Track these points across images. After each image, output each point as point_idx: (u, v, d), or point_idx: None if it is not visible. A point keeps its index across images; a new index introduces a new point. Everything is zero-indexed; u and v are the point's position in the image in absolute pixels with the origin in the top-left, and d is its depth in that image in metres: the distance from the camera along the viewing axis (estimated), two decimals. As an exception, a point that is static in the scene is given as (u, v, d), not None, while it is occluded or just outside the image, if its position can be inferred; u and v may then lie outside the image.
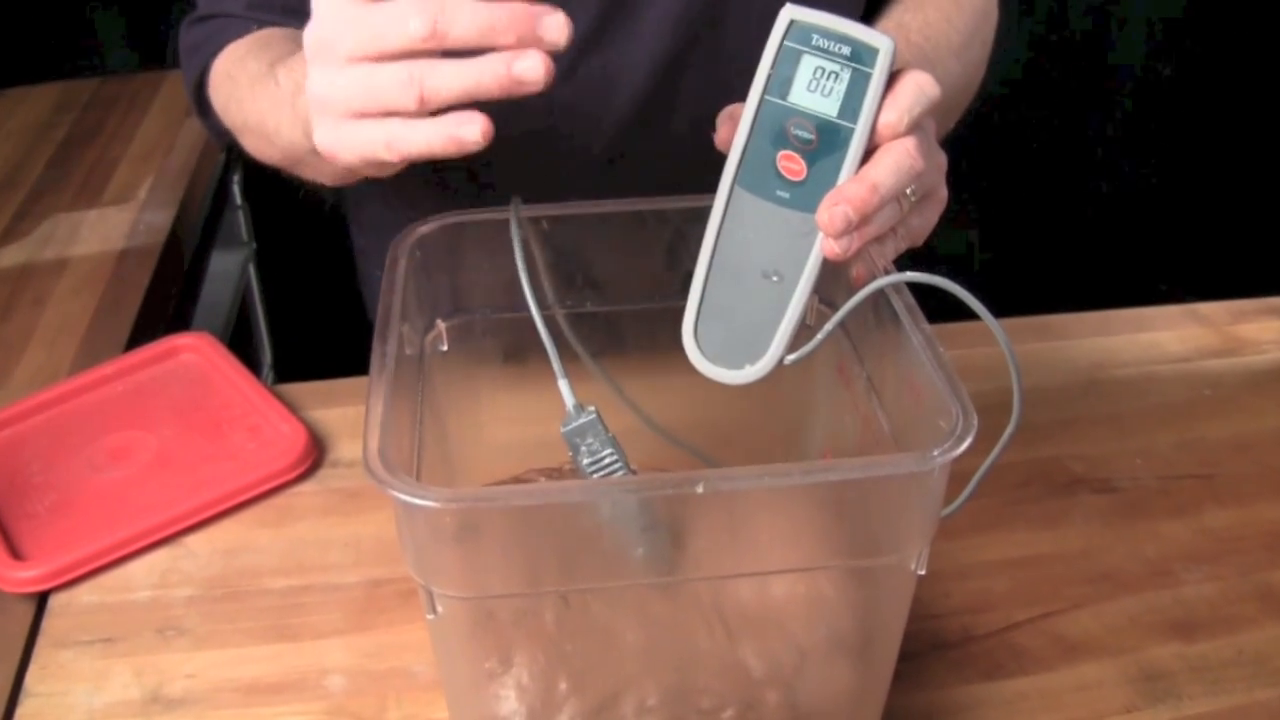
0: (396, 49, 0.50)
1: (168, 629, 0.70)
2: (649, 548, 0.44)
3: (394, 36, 0.49)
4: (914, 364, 0.49)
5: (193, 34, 0.82)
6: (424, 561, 0.45)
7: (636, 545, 0.44)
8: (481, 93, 0.50)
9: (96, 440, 0.84)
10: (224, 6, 0.80)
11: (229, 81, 0.77)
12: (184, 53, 0.83)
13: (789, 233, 0.54)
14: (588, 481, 0.44)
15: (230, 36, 0.79)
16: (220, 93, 0.78)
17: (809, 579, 0.49)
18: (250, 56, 0.74)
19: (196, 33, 0.82)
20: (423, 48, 0.49)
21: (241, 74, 0.74)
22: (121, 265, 1.09)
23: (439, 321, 0.61)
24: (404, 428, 0.52)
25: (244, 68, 0.74)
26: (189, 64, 0.82)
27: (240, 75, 0.74)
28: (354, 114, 0.52)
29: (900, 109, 0.53)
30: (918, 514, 0.45)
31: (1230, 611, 0.71)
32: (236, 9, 0.80)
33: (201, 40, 0.81)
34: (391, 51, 0.50)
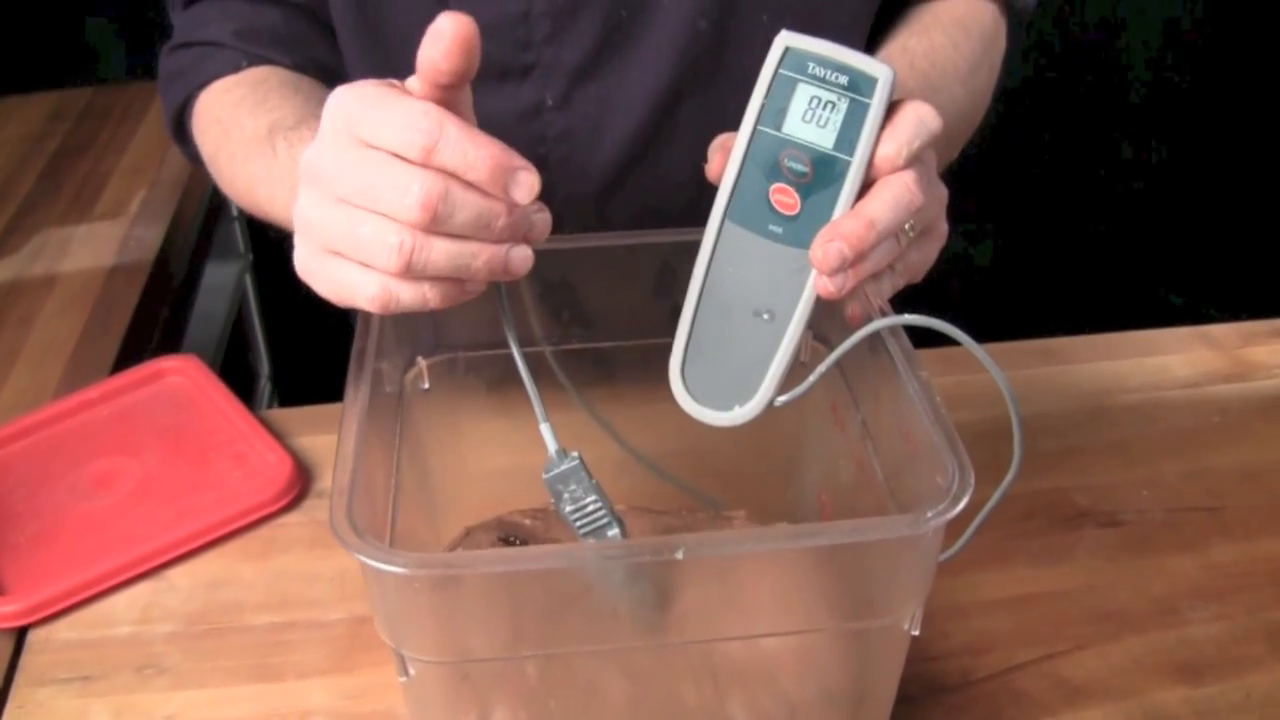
0: (386, 213, 0.47)
1: (147, 667, 0.68)
2: (632, 609, 0.43)
3: (388, 202, 0.47)
4: (910, 412, 0.47)
5: (175, 59, 0.80)
6: (394, 625, 0.43)
7: (619, 606, 0.42)
8: (469, 275, 0.49)
9: (80, 467, 0.82)
10: (208, 34, 0.78)
11: (217, 126, 0.75)
12: (164, 78, 0.80)
13: (781, 269, 0.52)
14: (564, 547, 0.42)
15: (217, 69, 0.77)
16: (207, 135, 0.76)
17: (799, 638, 0.48)
18: (245, 108, 0.72)
19: (179, 58, 0.79)
20: (412, 225, 0.47)
21: (234, 126, 0.72)
22: (110, 283, 1.07)
23: (420, 359, 0.59)
24: (380, 473, 0.50)
25: (237, 120, 0.72)
26: (169, 90, 0.80)
27: (233, 127, 0.72)
28: (334, 253, 0.50)
29: (900, 141, 0.51)
30: (911, 575, 0.43)
31: (1238, 653, 0.69)
32: (222, 37, 0.77)
33: (185, 67, 0.79)
34: (380, 213, 0.48)
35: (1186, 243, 1.99)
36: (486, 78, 0.75)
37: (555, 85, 0.75)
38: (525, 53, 0.74)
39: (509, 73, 0.75)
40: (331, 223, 0.49)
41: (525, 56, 0.74)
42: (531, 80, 0.75)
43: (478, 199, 0.47)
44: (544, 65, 0.74)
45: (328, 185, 0.49)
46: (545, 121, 0.76)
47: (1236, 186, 1.98)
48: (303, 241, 0.52)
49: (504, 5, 0.72)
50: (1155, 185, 2.02)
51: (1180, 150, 1.99)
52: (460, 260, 0.48)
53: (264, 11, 0.77)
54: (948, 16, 0.79)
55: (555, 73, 0.75)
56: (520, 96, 0.76)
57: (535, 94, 0.75)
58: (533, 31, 0.73)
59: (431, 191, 0.46)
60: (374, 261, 0.48)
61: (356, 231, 0.48)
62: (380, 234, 0.47)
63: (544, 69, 0.74)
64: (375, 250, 0.47)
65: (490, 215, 0.48)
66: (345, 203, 0.48)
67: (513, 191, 0.48)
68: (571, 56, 0.74)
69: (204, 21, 0.78)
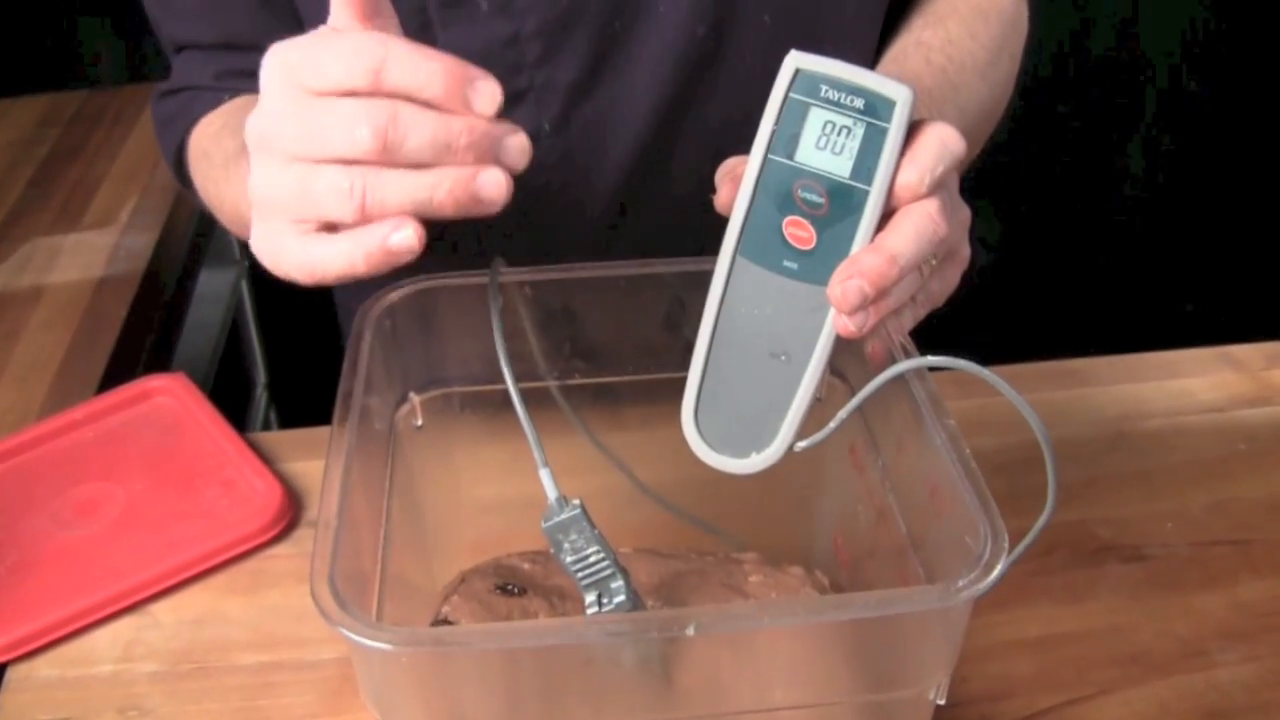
0: (339, 155, 0.44)
1: (130, 709, 0.65)
2: (637, 681, 0.40)
3: (338, 142, 0.43)
4: (936, 464, 0.44)
5: (165, 107, 0.78)
6: (381, 698, 0.40)
7: (623, 679, 0.39)
8: (433, 210, 0.44)
9: (63, 493, 0.79)
10: (192, 78, 0.77)
11: (205, 160, 0.72)
12: (158, 126, 0.79)
13: (797, 308, 0.49)
14: (563, 622, 0.39)
15: (202, 109, 0.75)
16: (198, 171, 0.74)
17: (817, 710, 0.45)
18: (226, 133, 0.70)
19: (169, 105, 0.78)
20: (369, 160, 0.43)
21: (216, 151, 0.70)
22: (99, 295, 1.05)
23: (412, 395, 0.56)
24: (368, 519, 0.47)
25: (219, 145, 0.69)
26: (165, 138, 0.78)
27: (215, 153, 0.70)
28: (294, 220, 0.46)
29: (921, 168, 0.48)
30: (938, 647, 0.40)
31: (1268, 697, 0.66)
32: (205, 80, 0.76)
33: (175, 113, 0.77)
34: (333, 157, 0.44)
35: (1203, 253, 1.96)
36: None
37: (551, 108, 0.71)
38: (517, 77, 0.70)
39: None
40: (286, 186, 0.45)
41: (518, 81, 0.70)
42: (525, 106, 0.71)
43: (433, 117, 0.43)
44: (538, 89, 0.71)
45: (277, 145, 0.46)
46: (543, 148, 0.72)
47: (1253, 198, 1.94)
48: (261, 221, 0.48)
49: (491, 28, 0.69)
50: (1169, 195, 1.99)
51: (1197, 160, 1.95)
52: (420, 192, 0.44)
53: (245, 56, 0.75)
54: (964, 4, 0.75)
55: (550, 95, 0.71)
56: (515, 123, 0.72)
57: (531, 120, 0.71)
58: (524, 54, 0.69)
59: (378, 117, 0.43)
60: (328, 213, 0.44)
61: (311, 187, 0.44)
62: (333, 181, 0.44)
63: (538, 92, 0.71)
64: (330, 201, 0.44)
65: (450, 134, 0.44)
66: (298, 160, 0.45)
67: (474, 102, 0.44)
68: (566, 76, 0.70)
69: (189, 68, 0.77)
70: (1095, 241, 1.99)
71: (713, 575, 0.55)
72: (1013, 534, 0.78)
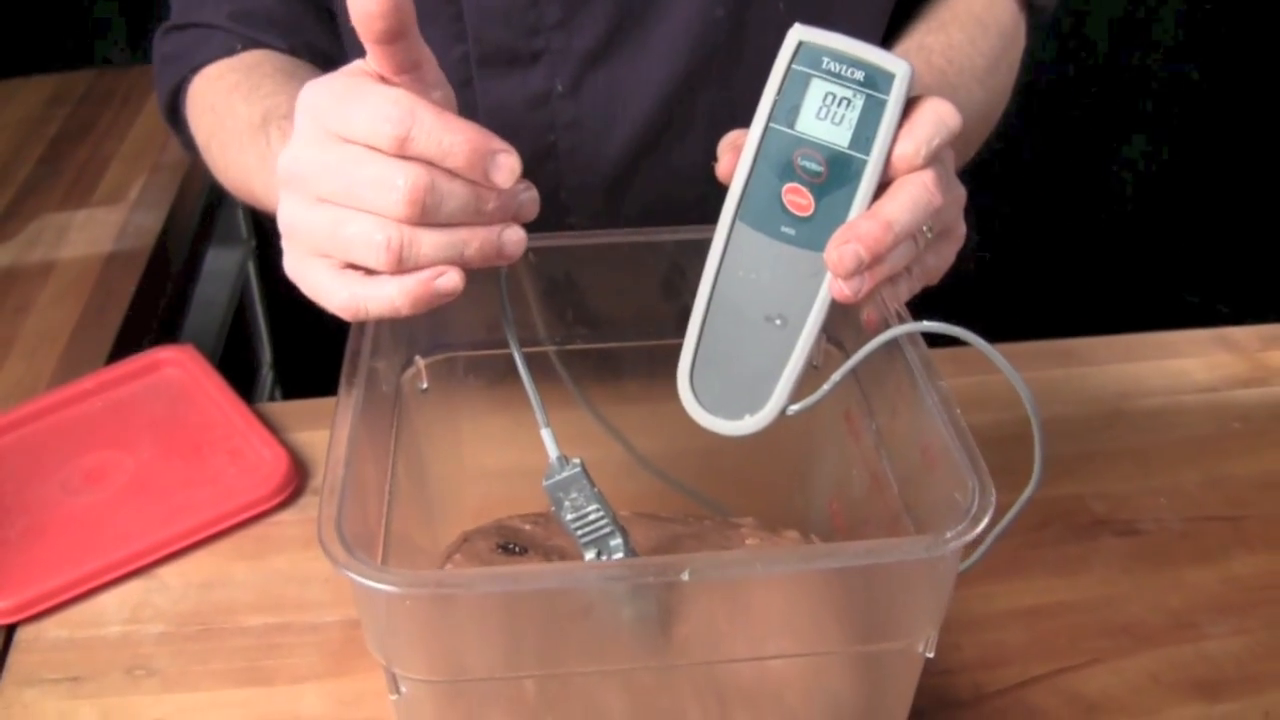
0: (373, 210, 0.45)
1: (137, 669, 0.66)
2: (635, 629, 0.41)
3: (371, 199, 0.45)
4: (928, 424, 0.45)
5: (170, 42, 0.78)
6: (385, 642, 0.41)
7: (621, 626, 0.40)
8: (462, 264, 0.47)
9: (72, 460, 0.81)
10: (203, 15, 0.76)
11: (211, 114, 0.73)
12: (159, 60, 0.79)
13: (794, 273, 0.50)
14: (563, 566, 0.40)
15: (211, 52, 0.75)
16: (201, 122, 0.75)
17: (808, 659, 0.46)
18: (239, 95, 0.70)
19: (174, 41, 0.78)
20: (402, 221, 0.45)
21: (228, 114, 0.70)
22: (108, 270, 1.06)
23: (418, 359, 0.57)
24: (373, 477, 0.48)
25: (232, 107, 0.70)
26: (164, 73, 0.78)
27: (227, 115, 0.70)
28: (319, 254, 0.48)
29: (918, 140, 0.49)
30: (927, 598, 0.41)
31: (1258, 670, 0.67)
32: (217, 19, 0.75)
33: (180, 51, 0.77)
34: (368, 211, 0.46)
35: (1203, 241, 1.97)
36: (495, 63, 0.74)
37: (565, 72, 0.73)
38: (535, 38, 0.72)
39: (518, 59, 0.72)
40: (315, 225, 0.47)
41: (535, 42, 0.72)
42: (541, 66, 0.73)
43: (464, 187, 0.46)
44: (554, 51, 0.72)
45: (307, 186, 0.47)
46: (554, 109, 0.74)
47: (1253, 185, 1.95)
48: (289, 246, 0.50)
49: None
50: (1169, 183, 1.99)
51: (1195, 147, 1.95)
52: (452, 250, 0.46)
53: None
54: (966, 13, 0.77)
55: (565, 59, 0.72)
56: (529, 83, 0.73)
57: (545, 81, 0.73)
58: (543, 16, 0.71)
59: (418, 184, 0.44)
60: (360, 260, 0.46)
61: (342, 232, 0.46)
62: (366, 233, 0.45)
63: (554, 55, 0.72)
64: (362, 250, 0.46)
65: (479, 200, 0.46)
66: (328, 203, 0.47)
67: (493, 175, 0.46)
68: (582, 43, 0.72)
69: (199, 4, 0.77)
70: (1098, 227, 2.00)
71: (710, 538, 0.56)
72: (1007, 507, 0.79)
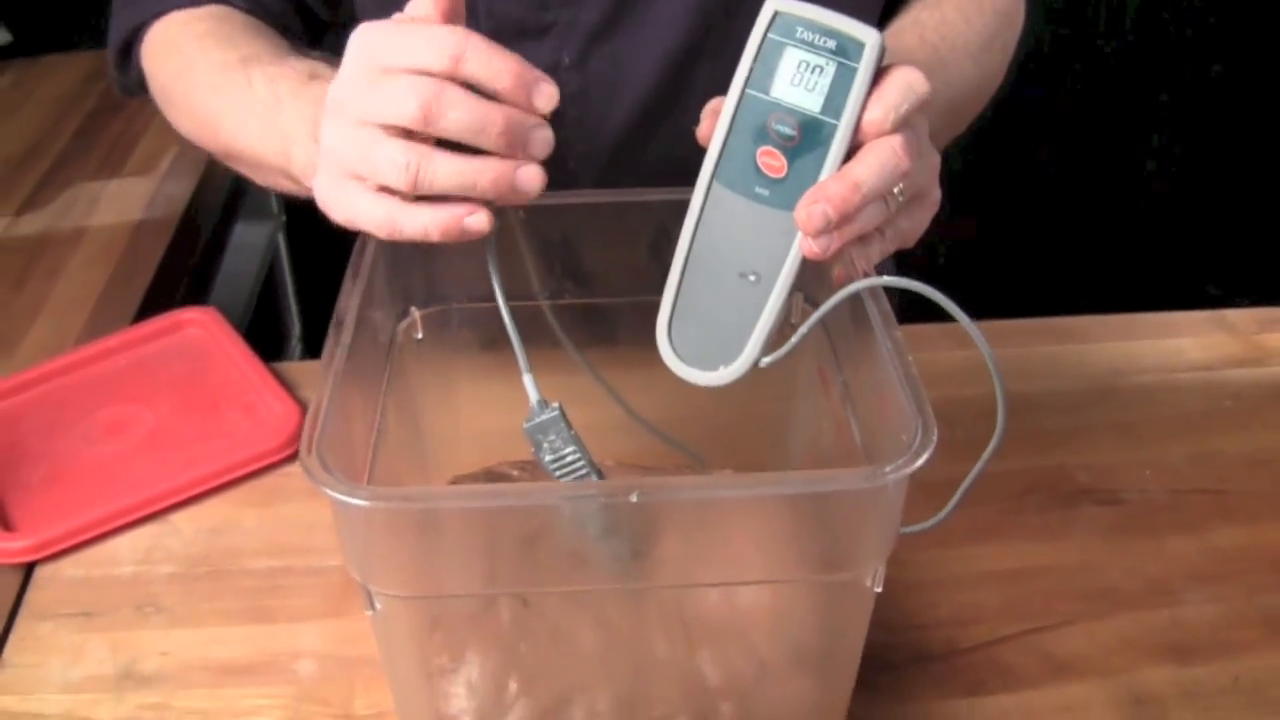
0: (389, 121, 0.50)
1: (146, 605, 0.70)
2: (606, 559, 0.43)
3: (390, 108, 0.50)
4: (883, 374, 0.47)
5: None
6: (359, 559, 0.44)
7: (590, 551, 0.43)
8: (476, 193, 0.51)
9: (94, 413, 0.84)
10: None
11: (178, 56, 0.75)
12: (117, 4, 0.81)
13: (767, 231, 0.52)
14: (520, 485, 0.43)
15: (171, 2, 0.78)
16: (165, 64, 0.77)
17: (766, 591, 0.48)
18: (211, 41, 0.73)
19: None
20: (414, 126, 0.49)
21: (199, 57, 0.73)
22: (137, 237, 1.09)
23: (413, 310, 0.60)
24: (362, 417, 0.51)
25: (204, 51, 0.73)
26: (121, 14, 0.81)
27: (197, 57, 0.73)
28: (354, 176, 0.52)
29: (887, 105, 0.51)
30: (871, 531, 0.43)
31: (1230, 636, 0.68)
32: None
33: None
34: (385, 123, 0.50)
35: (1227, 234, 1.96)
36: (504, 36, 0.76)
37: (572, 45, 0.76)
38: (543, 12, 0.75)
39: (526, 31, 0.75)
40: (349, 146, 0.52)
41: (543, 16, 0.75)
42: (549, 39, 0.76)
43: (472, 101, 0.49)
44: (561, 25, 0.75)
45: (350, 111, 0.52)
46: (562, 80, 0.76)
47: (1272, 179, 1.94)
48: (325, 169, 0.54)
49: None
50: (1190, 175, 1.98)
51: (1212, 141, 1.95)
52: (466, 177, 0.50)
53: None
54: None
55: (572, 33, 0.75)
56: (538, 55, 0.76)
57: (552, 53, 0.76)
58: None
59: (426, 92, 0.49)
60: (385, 180, 0.50)
61: (371, 153, 0.51)
62: (391, 154, 0.50)
63: (561, 28, 0.75)
64: (386, 169, 0.50)
65: (485, 119, 0.49)
66: (362, 124, 0.51)
67: (535, 100, 0.51)
68: (588, 17, 0.75)
69: None
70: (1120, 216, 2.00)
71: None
72: (991, 476, 0.81)
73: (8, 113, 1.32)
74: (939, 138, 0.77)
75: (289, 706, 0.63)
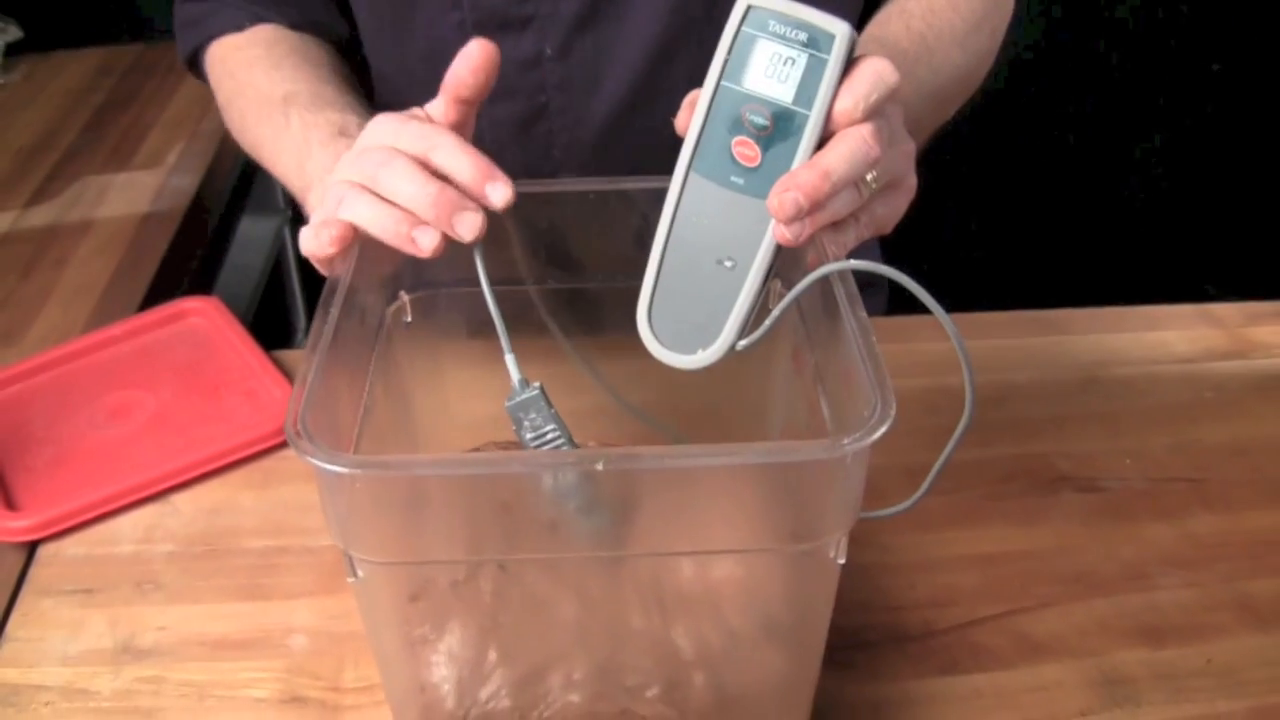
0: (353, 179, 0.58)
1: (145, 583, 0.72)
2: (567, 519, 0.45)
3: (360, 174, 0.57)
4: (848, 352, 0.48)
5: (186, 10, 0.87)
6: (341, 526, 0.46)
7: (556, 515, 0.45)
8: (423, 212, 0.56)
9: (99, 398, 0.86)
10: None
11: (231, 80, 0.82)
12: (178, 24, 0.88)
13: (743, 219, 0.54)
14: (491, 455, 0.44)
15: (222, 25, 0.84)
16: (221, 86, 0.84)
17: (736, 563, 0.50)
18: (259, 69, 0.80)
19: (189, 10, 0.87)
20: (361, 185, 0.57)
21: (248, 84, 0.80)
22: (143, 228, 1.11)
23: (403, 293, 0.62)
24: (349, 394, 0.53)
25: (251, 78, 0.80)
26: (182, 36, 0.87)
27: (247, 85, 0.80)
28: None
29: (857, 95, 0.53)
30: (833, 502, 0.45)
31: (1204, 620, 0.70)
32: None
33: (195, 18, 0.86)
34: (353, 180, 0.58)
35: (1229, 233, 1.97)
36: (489, 28, 0.79)
37: (554, 36, 0.78)
38: (524, 4, 0.77)
39: (509, 24, 0.78)
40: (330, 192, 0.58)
41: (525, 8, 0.77)
42: (531, 31, 0.78)
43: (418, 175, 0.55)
44: (543, 17, 0.77)
45: (337, 172, 0.58)
46: (545, 70, 0.79)
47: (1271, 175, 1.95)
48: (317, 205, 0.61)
49: None
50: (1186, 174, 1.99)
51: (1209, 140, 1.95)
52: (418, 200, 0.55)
53: None
54: None
55: (554, 24, 0.78)
56: (521, 46, 0.78)
57: (535, 44, 0.78)
58: None
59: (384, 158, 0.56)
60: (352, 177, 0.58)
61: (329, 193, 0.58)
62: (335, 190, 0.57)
63: (543, 20, 0.78)
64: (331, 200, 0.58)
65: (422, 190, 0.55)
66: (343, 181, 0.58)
67: (490, 194, 0.56)
68: (569, 9, 0.77)
69: None
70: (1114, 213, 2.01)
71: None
72: (972, 463, 0.82)
73: (19, 107, 1.35)
74: (927, 123, 0.79)
75: (281, 679, 0.65)
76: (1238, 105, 1.91)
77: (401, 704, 0.54)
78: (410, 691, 0.53)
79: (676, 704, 0.52)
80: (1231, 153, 1.95)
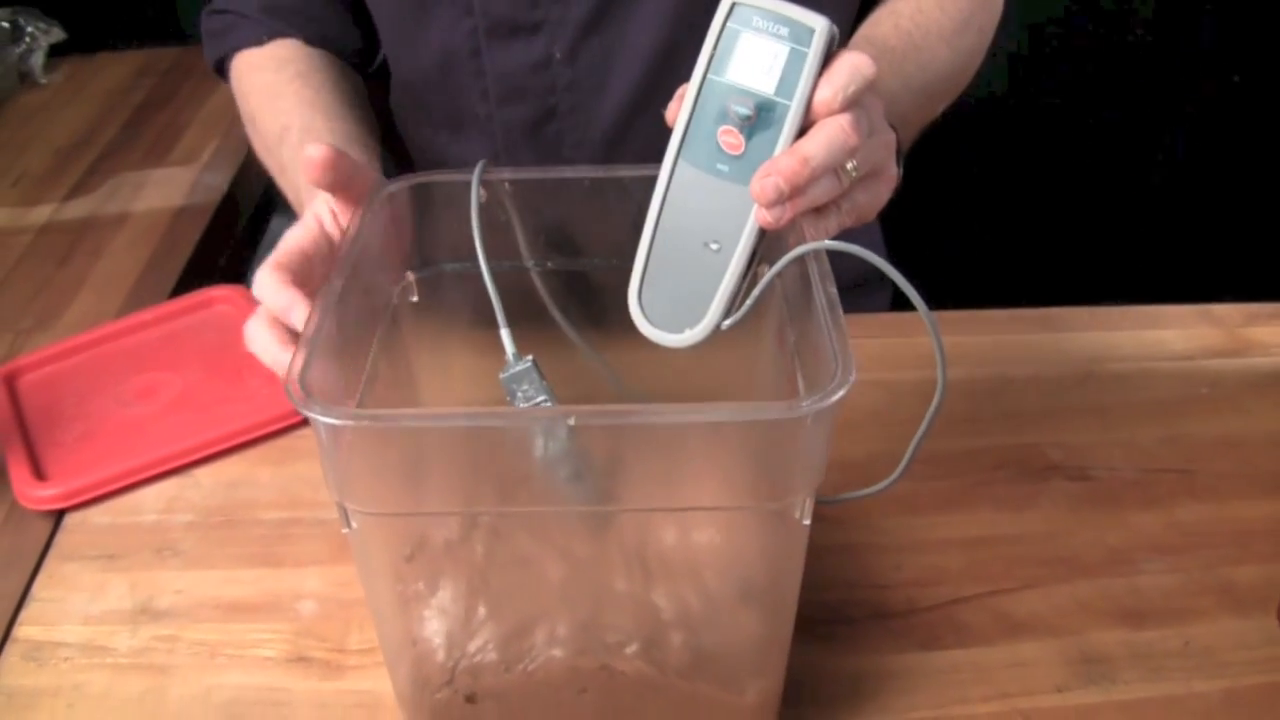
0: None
1: (165, 549, 0.75)
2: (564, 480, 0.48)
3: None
4: (817, 326, 0.51)
5: (211, 22, 0.92)
6: (336, 479, 0.49)
7: (549, 475, 0.48)
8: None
9: (128, 379, 0.90)
10: (238, 5, 0.90)
11: (245, 101, 0.88)
12: (205, 35, 0.93)
13: (728, 204, 0.57)
14: (474, 410, 0.47)
15: (242, 40, 0.89)
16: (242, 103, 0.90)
17: (710, 524, 0.52)
18: (266, 97, 0.85)
19: (214, 22, 0.92)
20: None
21: (260, 112, 0.85)
22: (177, 221, 1.16)
23: (409, 273, 0.65)
24: (349, 358, 0.56)
25: (261, 107, 0.85)
26: (209, 46, 0.93)
27: (258, 110, 0.86)
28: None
29: (835, 86, 0.55)
30: (795, 463, 0.48)
31: (1185, 604, 0.71)
32: (249, 9, 0.89)
33: (219, 30, 0.91)
34: None
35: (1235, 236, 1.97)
36: (500, 34, 0.82)
37: (563, 40, 0.81)
38: (534, 10, 0.80)
39: (519, 29, 0.81)
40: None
41: (534, 14, 0.81)
42: (540, 36, 0.81)
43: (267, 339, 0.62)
44: (552, 22, 0.81)
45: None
46: (554, 73, 0.83)
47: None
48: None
49: None
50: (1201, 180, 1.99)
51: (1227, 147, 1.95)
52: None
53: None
54: None
55: (562, 29, 0.81)
56: (531, 50, 0.82)
57: (544, 48, 0.82)
58: None
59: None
60: None
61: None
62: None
63: (552, 25, 0.81)
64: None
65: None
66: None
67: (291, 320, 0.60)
68: (577, 14, 0.80)
69: None
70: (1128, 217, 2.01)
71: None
72: (965, 451, 0.84)
73: (61, 105, 1.40)
74: (915, 119, 0.82)
75: (289, 640, 0.68)
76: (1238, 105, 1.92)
77: (395, 656, 0.57)
78: (403, 644, 0.56)
79: (654, 661, 0.55)
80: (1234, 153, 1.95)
